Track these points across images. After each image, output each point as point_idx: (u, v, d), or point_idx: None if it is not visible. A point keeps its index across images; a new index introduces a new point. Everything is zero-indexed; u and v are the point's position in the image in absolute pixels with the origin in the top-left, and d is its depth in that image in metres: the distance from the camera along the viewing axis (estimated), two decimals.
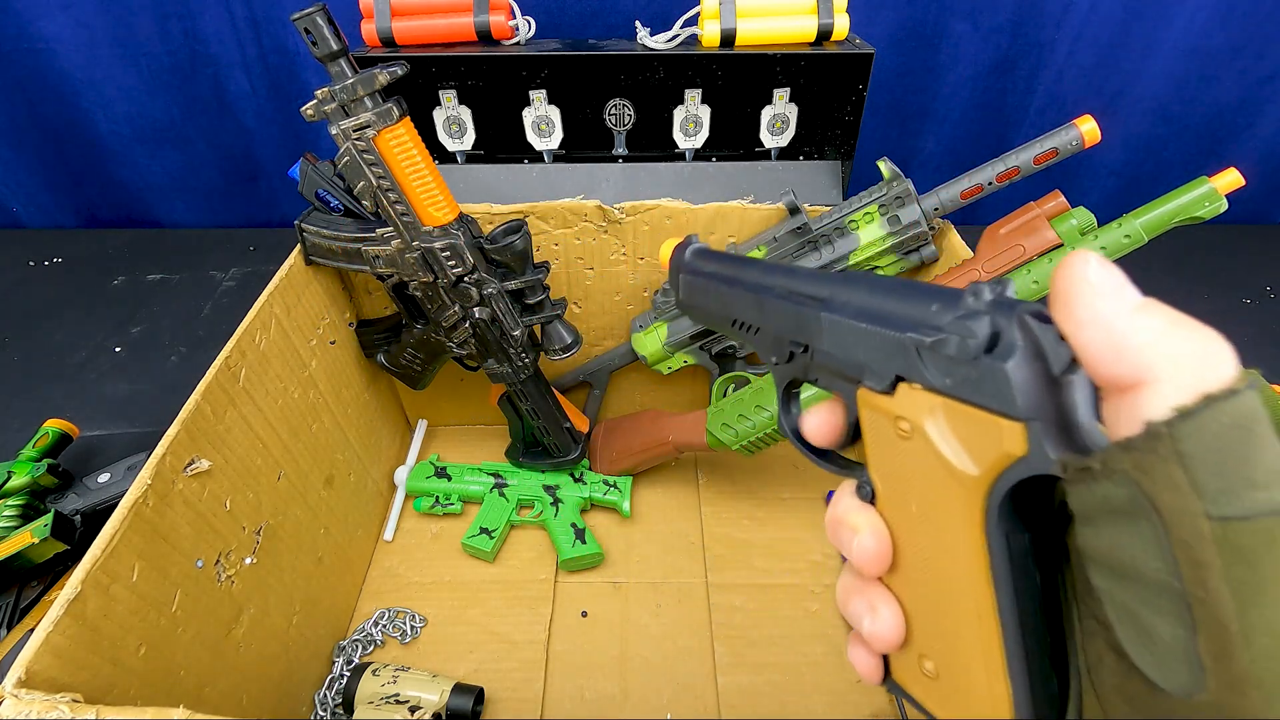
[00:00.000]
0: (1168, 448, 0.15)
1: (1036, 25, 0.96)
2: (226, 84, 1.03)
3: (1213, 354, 0.16)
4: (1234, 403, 0.15)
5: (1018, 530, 0.19)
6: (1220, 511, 0.14)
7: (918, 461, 0.21)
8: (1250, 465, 0.14)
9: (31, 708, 0.32)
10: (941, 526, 0.20)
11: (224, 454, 0.49)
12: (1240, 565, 0.14)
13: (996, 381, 0.18)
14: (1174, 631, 0.15)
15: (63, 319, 1.01)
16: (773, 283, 0.27)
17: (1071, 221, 0.53)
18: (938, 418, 0.20)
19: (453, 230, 0.58)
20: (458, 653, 0.67)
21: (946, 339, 0.19)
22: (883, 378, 0.22)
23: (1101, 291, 0.17)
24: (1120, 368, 0.16)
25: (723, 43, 0.75)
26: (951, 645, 0.21)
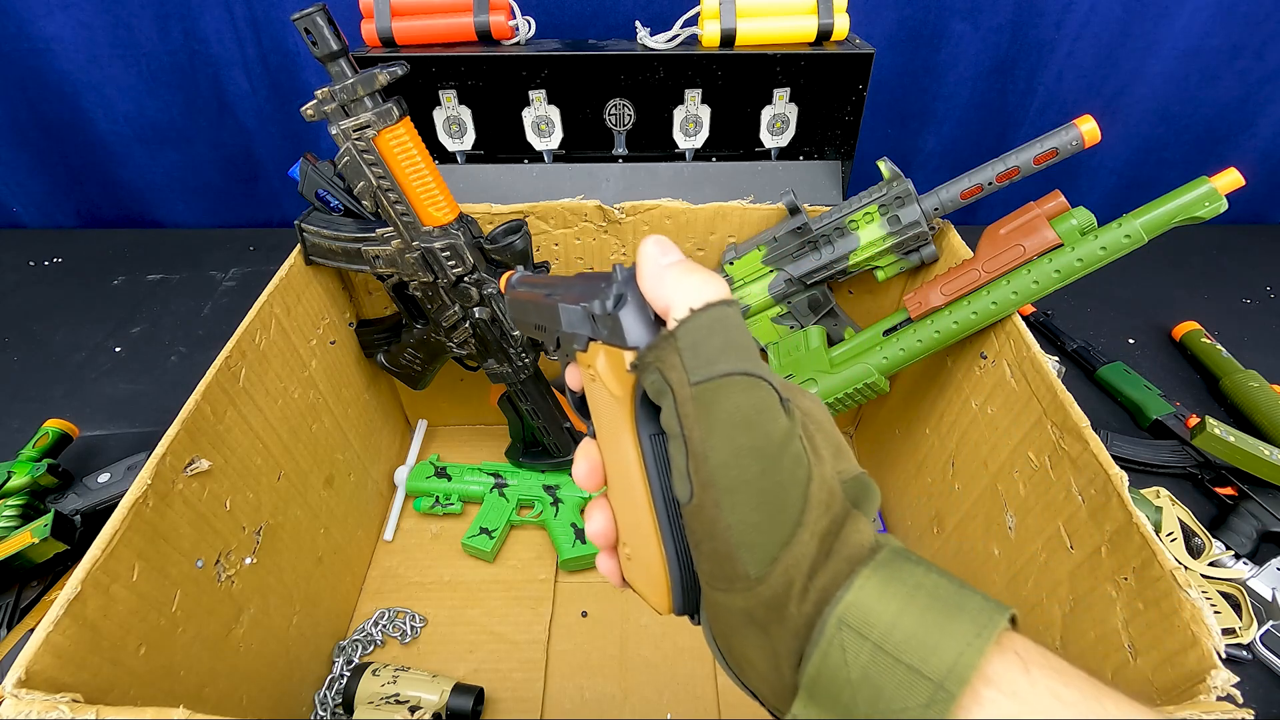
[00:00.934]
0: (671, 343, 0.22)
1: (1036, 25, 0.96)
2: (226, 84, 1.03)
3: (708, 287, 0.23)
4: (711, 312, 0.22)
5: (659, 432, 0.26)
6: (694, 378, 0.22)
7: (599, 396, 0.28)
8: (711, 348, 0.22)
9: (31, 708, 0.32)
10: (616, 440, 0.27)
11: (224, 454, 0.49)
12: (702, 410, 0.21)
13: (619, 326, 0.25)
14: (680, 460, 0.22)
15: (63, 319, 1.01)
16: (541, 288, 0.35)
17: (1071, 221, 0.53)
18: (601, 358, 0.27)
19: (453, 230, 0.58)
20: (458, 653, 0.67)
21: (596, 302, 0.27)
22: (582, 340, 0.29)
23: (650, 255, 0.25)
24: (660, 303, 0.24)
25: (723, 43, 0.75)
26: (634, 528, 0.27)
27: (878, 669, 0.18)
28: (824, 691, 0.19)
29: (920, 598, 0.19)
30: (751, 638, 0.21)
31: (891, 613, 0.18)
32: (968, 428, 0.60)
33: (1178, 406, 0.81)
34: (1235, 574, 0.65)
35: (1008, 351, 0.55)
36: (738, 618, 0.21)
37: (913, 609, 0.18)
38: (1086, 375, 0.91)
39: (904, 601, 0.19)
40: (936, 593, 0.19)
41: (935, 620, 0.18)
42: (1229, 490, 0.73)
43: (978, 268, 0.56)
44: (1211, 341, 0.90)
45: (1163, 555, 0.38)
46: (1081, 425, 0.45)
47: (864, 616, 0.19)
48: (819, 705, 0.19)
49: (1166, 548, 0.38)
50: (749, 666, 0.22)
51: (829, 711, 0.19)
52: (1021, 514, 0.51)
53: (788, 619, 0.20)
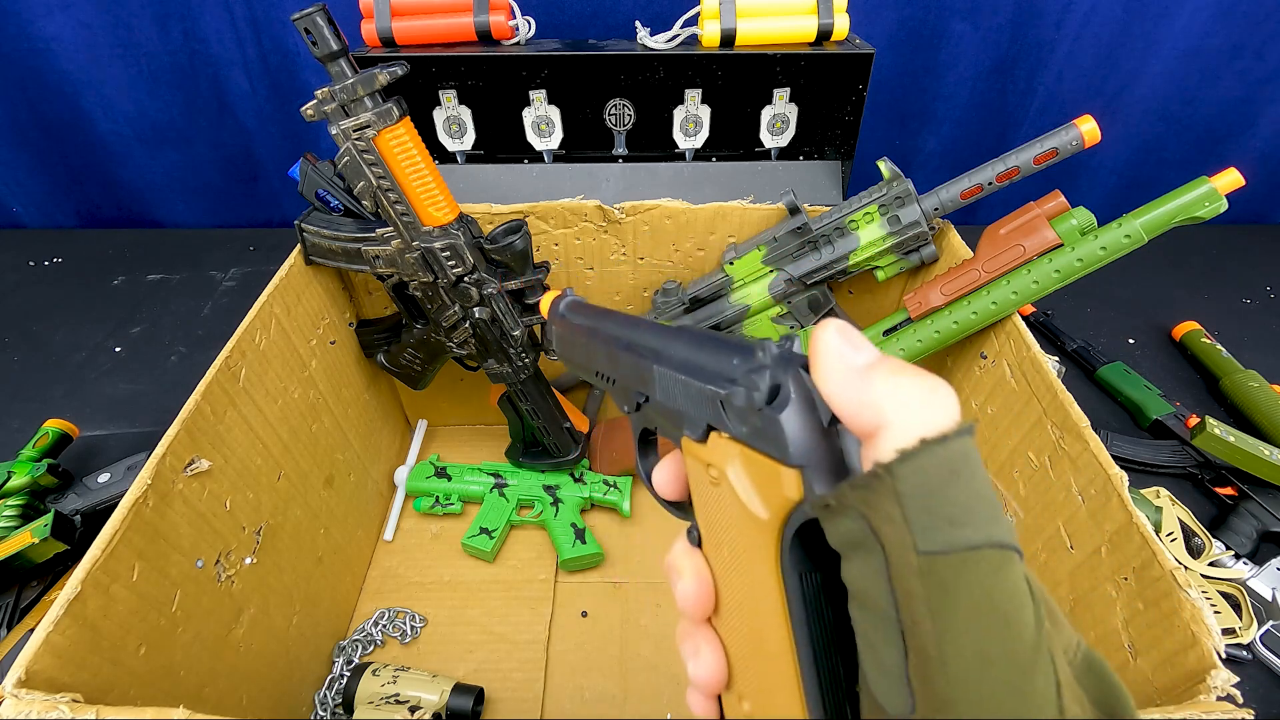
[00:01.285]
0: (888, 486, 0.16)
1: (1036, 25, 0.96)
2: (226, 84, 1.03)
3: (935, 401, 0.17)
4: (947, 446, 0.16)
5: (810, 570, 0.20)
6: (925, 546, 0.15)
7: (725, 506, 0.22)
8: (952, 504, 0.15)
9: (31, 708, 0.32)
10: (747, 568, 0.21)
11: (224, 454, 0.49)
12: (939, 595, 0.15)
13: (776, 430, 0.19)
14: (894, 657, 0.16)
15: (63, 319, 1.01)
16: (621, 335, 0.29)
17: (1071, 221, 0.53)
18: (736, 464, 0.21)
19: (453, 230, 0.58)
20: (458, 653, 0.67)
21: (737, 391, 0.21)
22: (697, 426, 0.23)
23: (839, 352, 0.18)
24: (861, 419, 0.17)
25: (723, 43, 0.75)
26: (761, 684, 0.22)
27: None
28: None
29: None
30: None
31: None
32: None
33: (1178, 406, 0.81)
34: (1235, 574, 0.65)
35: (1008, 351, 0.55)
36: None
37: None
38: (1086, 375, 0.91)
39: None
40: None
41: None
42: (1229, 490, 0.73)
43: (978, 268, 0.56)
44: (1211, 341, 0.90)
45: (1163, 555, 0.38)
46: (1081, 425, 0.45)
47: None
48: None
49: (1166, 548, 0.38)
50: None
51: None
52: (1021, 514, 0.51)
53: None
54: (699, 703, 0.25)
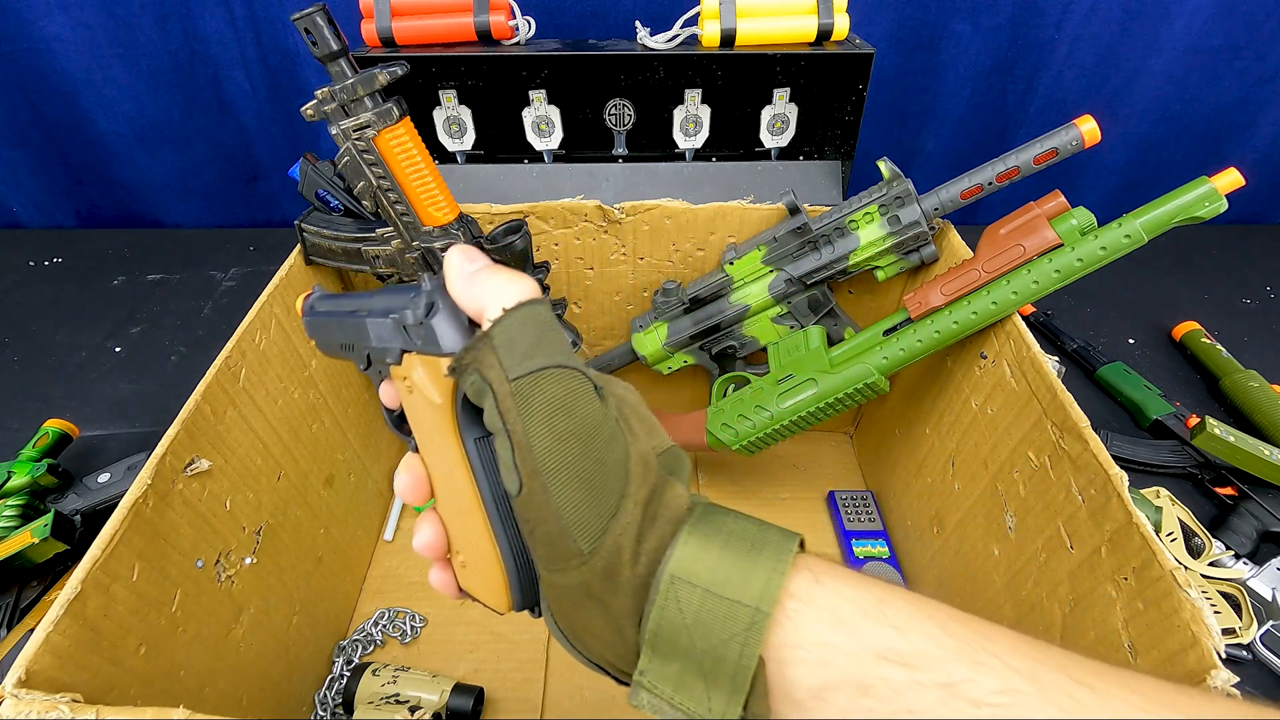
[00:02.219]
0: (487, 343, 0.24)
1: (1036, 25, 0.96)
2: (226, 84, 1.03)
3: (515, 286, 0.25)
4: (523, 311, 0.24)
5: (483, 436, 0.27)
6: (512, 374, 0.23)
7: (419, 405, 0.28)
8: (525, 346, 0.23)
9: (31, 708, 0.32)
10: (439, 446, 0.28)
11: (224, 454, 0.49)
12: (523, 402, 0.23)
13: (432, 333, 0.26)
14: (507, 455, 0.23)
15: (63, 319, 1.01)
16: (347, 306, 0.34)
17: (1071, 221, 0.53)
18: (417, 368, 0.27)
19: (453, 230, 0.58)
20: (458, 653, 0.67)
21: (407, 311, 0.28)
22: (394, 353, 0.29)
23: (456, 263, 0.26)
24: (473, 306, 0.25)
25: (723, 43, 0.75)
26: (465, 534, 0.28)
27: (707, 609, 0.21)
28: (665, 641, 0.21)
29: (733, 542, 0.22)
30: (591, 610, 0.23)
31: (713, 559, 0.22)
32: (968, 428, 0.60)
33: (1178, 406, 0.81)
34: (1235, 574, 0.65)
35: (1008, 351, 0.55)
36: (576, 594, 0.23)
37: (729, 553, 0.22)
38: (1086, 375, 0.91)
39: (720, 548, 0.22)
40: (744, 535, 0.22)
41: (746, 558, 0.21)
42: (1229, 490, 0.73)
43: (978, 268, 0.56)
44: (1211, 341, 0.90)
45: (1163, 555, 0.38)
46: (1081, 425, 0.45)
47: (691, 567, 0.22)
48: (661, 655, 0.21)
49: (1166, 548, 0.38)
50: (592, 639, 0.24)
51: (670, 657, 0.21)
52: (1021, 514, 0.51)
53: (622, 584, 0.22)
54: (435, 576, 0.30)
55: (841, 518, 0.76)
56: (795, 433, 0.65)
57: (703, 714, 0.21)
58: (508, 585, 0.27)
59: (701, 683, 0.21)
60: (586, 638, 0.24)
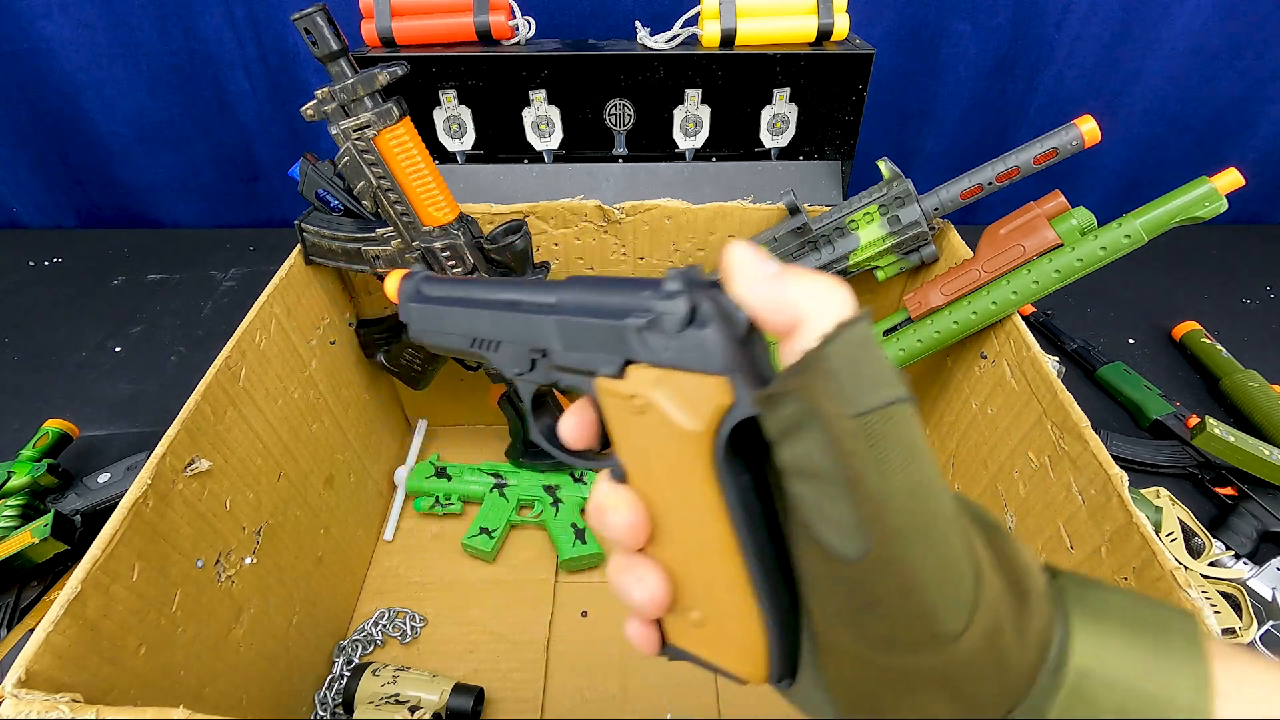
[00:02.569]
0: (819, 366, 0.18)
1: (1036, 25, 0.96)
2: (226, 84, 1.03)
3: (838, 294, 0.20)
4: (858, 326, 0.19)
5: (741, 471, 0.22)
6: (859, 409, 0.18)
7: (653, 430, 0.23)
8: (870, 372, 0.18)
9: (31, 708, 0.32)
10: (682, 483, 0.23)
11: (224, 454, 0.49)
12: (876, 447, 0.18)
13: (700, 347, 0.21)
14: (843, 510, 0.18)
15: (63, 319, 1.01)
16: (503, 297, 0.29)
17: (1071, 221, 0.53)
18: (662, 387, 0.22)
19: (453, 230, 0.58)
20: (458, 653, 0.67)
21: (657, 318, 0.22)
22: (613, 364, 0.24)
23: (755, 264, 0.21)
24: (780, 316, 0.20)
25: (723, 43, 0.75)
26: (709, 589, 0.23)
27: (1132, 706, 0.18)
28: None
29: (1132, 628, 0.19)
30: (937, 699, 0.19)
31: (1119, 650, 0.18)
32: (968, 428, 0.60)
33: (1178, 406, 0.81)
34: (1235, 574, 0.65)
35: (1008, 351, 0.55)
36: (915, 681, 0.19)
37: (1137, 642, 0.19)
38: (1086, 375, 0.91)
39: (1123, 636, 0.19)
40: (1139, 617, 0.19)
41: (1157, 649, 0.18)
42: (1229, 490, 0.73)
43: (978, 268, 0.56)
44: (1211, 341, 0.90)
45: (1163, 555, 0.38)
46: (1081, 425, 0.45)
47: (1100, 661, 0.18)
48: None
49: (1166, 548, 0.38)
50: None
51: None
52: (1021, 514, 0.51)
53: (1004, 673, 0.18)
54: (639, 631, 0.26)
55: None
56: None
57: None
58: (768, 652, 0.22)
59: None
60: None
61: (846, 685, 0.21)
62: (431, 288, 0.33)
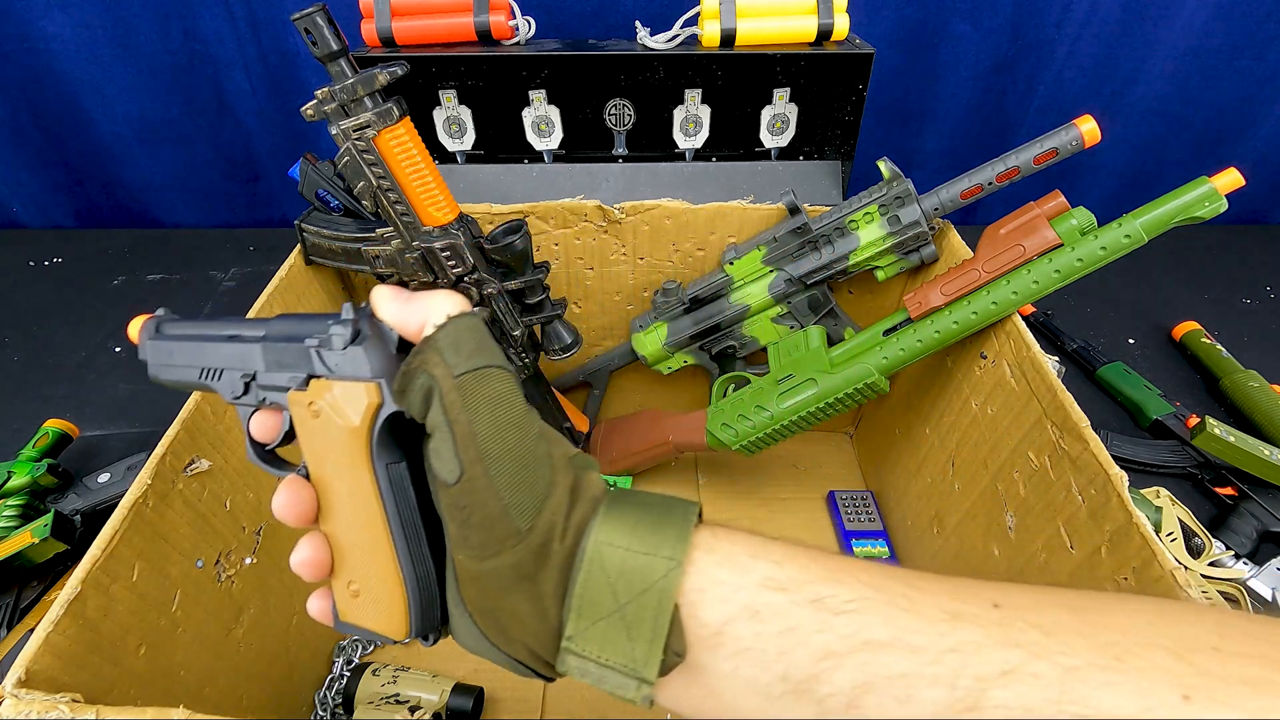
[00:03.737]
0: (431, 344, 0.26)
1: (1036, 25, 0.96)
2: (226, 84, 1.03)
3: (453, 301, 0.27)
4: (461, 320, 0.27)
5: (395, 460, 0.28)
6: (457, 371, 0.25)
7: (325, 429, 0.28)
8: (467, 347, 0.26)
9: (31, 708, 0.32)
10: (345, 473, 0.28)
11: (224, 454, 0.49)
12: (468, 396, 0.25)
13: (357, 359, 0.28)
14: (448, 445, 0.25)
15: (63, 319, 1.01)
16: (225, 331, 0.34)
17: (1071, 221, 0.53)
18: (331, 394, 0.28)
19: (453, 230, 0.58)
20: (458, 653, 0.66)
21: (328, 338, 0.28)
22: (298, 379, 0.30)
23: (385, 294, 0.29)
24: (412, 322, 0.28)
25: (723, 43, 0.75)
26: (363, 561, 0.28)
27: (629, 564, 0.24)
28: (590, 602, 0.24)
29: (645, 511, 0.26)
30: (519, 594, 0.25)
31: (630, 524, 0.25)
32: (968, 428, 0.60)
33: (1178, 406, 0.81)
34: (1235, 574, 0.65)
35: (1008, 351, 0.55)
36: (507, 578, 0.25)
37: (644, 518, 0.25)
38: (1086, 375, 0.91)
39: (636, 516, 0.25)
40: (654, 504, 0.26)
41: (659, 520, 0.25)
42: (1229, 490, 0.73)
43: (978, 268, 0.56)
44: (1211, 341, 0.90)
45: (1163, 555, 0.38)
46: (1081, 425, 0.45)
47: (612, 533, 0.25)
48: (587, 617, 0.24)
49: (1166, 548, 0.38)
50: (516, 626, 0.26)
51: (595, 617, 0.24)
52: (1021, 514, 0.51)
53: (553, 557, 0.25)
54: (314, 604, 0.32)
55: (841, 518, 0.76)
56: (795, 433, 0.65)
57: (626, 663, 0.24)
58: (408, 610, 0.28)
59: (624, 635, 0.24)
60: (511, 626, 0.26)
61: (475, 605, 0.27)
62: (170, 326, 0.37)
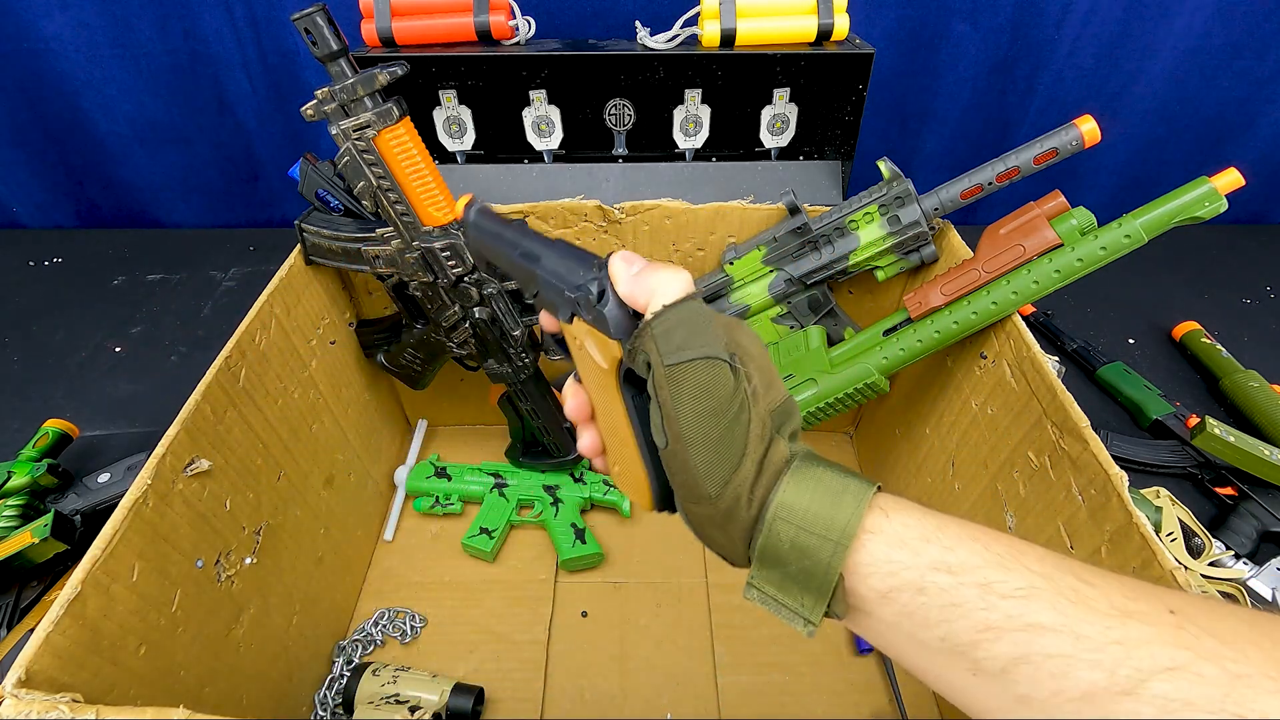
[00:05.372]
0: (647, 331, 0.30)
1: (1036, 25, 0.96)
2: (226, 84, 1.03)
3: (675, 284, 0.31)
4: (680, 306, 0.30)
5: (638, 394, 0.33)
6: (667, 362, 0.29)
7: (586, 360, 0.35)
8: (679, 337, 0.29)
9: (31, 708, 0.32)
10: (603, 393, 0.35)
11: (224, 454, 0.49)
12: (674, 383, 0.29)
13: (603, 319, 0.32)
14: (658, 418, 0.30)
15: (63, 319, 1.01)
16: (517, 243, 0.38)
17: (1071, 221, 0.53)
18: (587, 337, 0.34)
19: (453, 230, 0.58)
20: (458, 653, 0.67)
21: (583, 294, 0.33)
22: (566, 314, 0.35)
23: (621, 270, 0.32)
24: (639, 301, 0.31)
25: (723, 43, 0.75)
26: (620, 454, 0.35)
27: (800, 541, 0.28)
28: (768, 560, 0.29)
29: (820, 489, 0.28)
30: (715, 531, 0.30)
31: (804, 501, 0.28)
32: (968, 428, 0.60)
33: (1178, 406, 0.81)
34: (1235, 574, 0.65)
35: (1008, 351, 0.55)
36: (704, 519, 0.30)
37: (817, 498, 0.28)
38: (1086, 375, 0.91)
39: (811, 493, 0.28)
40: (830, 483, 0.28)
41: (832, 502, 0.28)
42: (1229, 490, 0.73)
43: (978, 268, 0.56)
44: (1211, 341, 0.90)
45: (1163, 555, 0.38)
46: (1081, 425, 0.45)
47: (788, 508, 0.28)
48: (766, 567, 0.29)
49: (1166, 548, 0.38)
50: (715, 545, 0.31)
51: (773, 568, 0.29)
52: (1021, 514, 0.51)
53: (739, 521, 0.29)
54: (598, 464, 0.39)
55: None
56: None
57: (796, 608, 0.28)
58: (651, 494, 0.34)
59: (797, 587, 0.28)
60: (711, 543, 0.32)
61: (684, 515, 0.32)
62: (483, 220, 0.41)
